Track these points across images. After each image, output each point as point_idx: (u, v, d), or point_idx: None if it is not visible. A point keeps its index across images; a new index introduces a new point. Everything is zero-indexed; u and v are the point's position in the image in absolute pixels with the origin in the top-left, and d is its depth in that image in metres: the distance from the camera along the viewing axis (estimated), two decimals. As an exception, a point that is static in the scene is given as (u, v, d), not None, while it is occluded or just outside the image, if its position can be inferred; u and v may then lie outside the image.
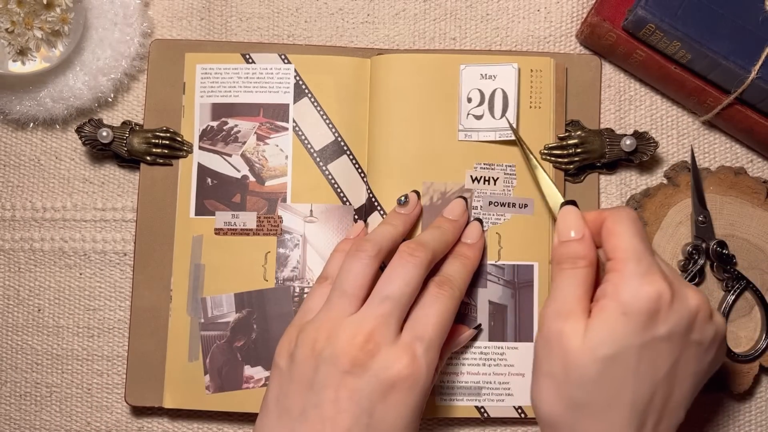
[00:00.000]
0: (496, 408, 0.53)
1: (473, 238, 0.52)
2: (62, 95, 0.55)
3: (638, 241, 0.43)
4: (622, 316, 0.41)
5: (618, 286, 0.41)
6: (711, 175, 0.55)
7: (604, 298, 0.42)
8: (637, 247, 0.42)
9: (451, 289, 0.47)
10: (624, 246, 0.42)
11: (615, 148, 0.54)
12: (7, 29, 0.52)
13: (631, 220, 0.43)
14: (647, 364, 0.41)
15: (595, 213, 0.45)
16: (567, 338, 0.41)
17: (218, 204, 0.54)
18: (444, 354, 0.50)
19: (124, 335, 0.56)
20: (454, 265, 0.50)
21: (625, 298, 0.41)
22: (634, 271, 0.41)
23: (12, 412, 0.55)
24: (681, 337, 0.42)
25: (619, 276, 0.42)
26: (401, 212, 0.52)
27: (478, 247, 0.52)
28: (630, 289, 0.41)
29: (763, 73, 0.50)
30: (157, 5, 0.58)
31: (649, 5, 0.51)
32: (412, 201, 0.52)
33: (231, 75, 0.55)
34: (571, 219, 0.45)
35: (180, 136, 0.55)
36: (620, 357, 0.41)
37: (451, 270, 0.49)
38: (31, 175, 0.57)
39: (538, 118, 0.54)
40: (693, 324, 0.42)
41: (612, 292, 0.41)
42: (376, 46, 0.57)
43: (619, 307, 0.41)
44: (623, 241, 0.43)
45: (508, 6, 0.58)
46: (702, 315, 0.42)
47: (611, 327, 0.41)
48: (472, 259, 0.51)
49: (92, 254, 0.56)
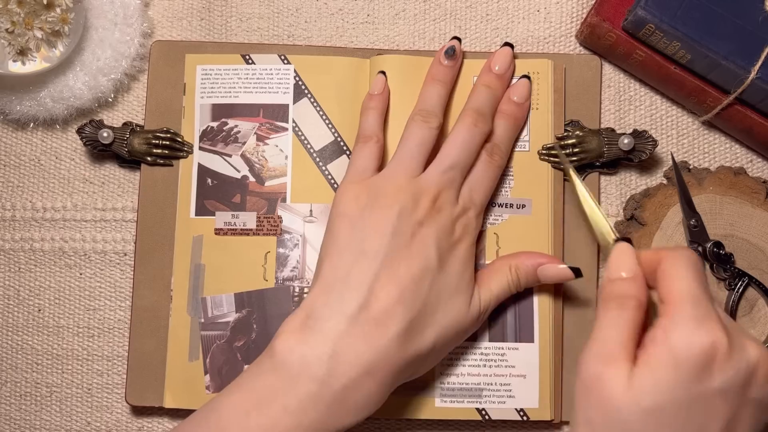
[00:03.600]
0: (497, 410, 0.52)
1: (521, 97, 0.53)
2: (62, 95, 0.55)
3: (696, 285, 0.40)
4: (671, 364, 0.38)
5: (669, 332, 0.38)
6: (711, 175, 0.55)
7: (653, 343, 0.39)
8: (694, 292, 0.39)
9: (500, 157, 0.52)
10: (679, 289, 0.39)
11: (613, 148, 0.54)
12: (7, 29, 0.52)
13: (691, 262, 0.41)
14: (697, 419, 0.38)
15: (652, 252, 0.43)
16: (609, 384, 0.38)
17: (218, 204, 0.54)
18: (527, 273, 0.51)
19: (124, 335, 0.56)
20: (501, 128, 0.52)
21: (676, 345, 0.38)
22: (689, 316, 0.38)
23: (12, 412, 0.56)
24: (737, 392, 0.38)
25: (672, 321, 0.39)
26: (447, 65, 0.53)
27: (526, 107, 0.54)
28: (683, 335, 0.38)
29: (762, 73, 0.50)
30: (157, 5, 0.58)
31: (649, 5, 0.51)
32: (458, 51, 0.54)
33: (231, 76, 0.55)
34: (624, 258, 0.43)
35: (180, 137, 0.55)
36: (667, 410, 0.37)
37: (499, 133, 0.52)
38: (31, 175, 0.57)
39: (537, 120, 0.54)
40: (752, 379, 0.38)
41: (662, 337, 0.38)
42: (376, 46, 0.57)
43: (670, 355, 0.38)
44: (680, 284, 0.40)
45: (508, 6, 0.58)
46: (764, 370, 0.39)
47: (659, 375, 0.38)
48: (519, 120, 0.53)
49: (92, 254, 0.56)
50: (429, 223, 0.47)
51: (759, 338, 0.53)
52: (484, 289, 0.49)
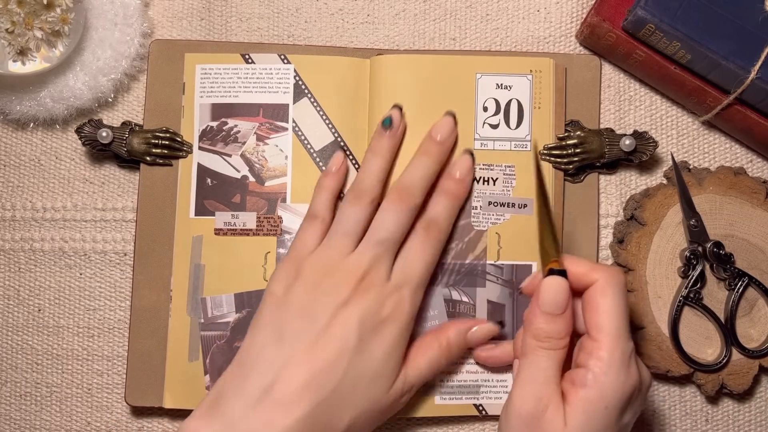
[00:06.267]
0: (495, 406, 0.53)
1: (462, 172, 0.52)
2: (62, 95, 0.55)
3: (621, 322, 0.43)
4: (602, 406, 0.41)
5: (601, 378, 0.42)
6: (711, 175, 0.55)
7: (584, 387, 0.42)
8: (620, 332, 0.42)
9: (438, 233, 0.50)
10: (607, 328, 0.42)
11: (614, 148, 0.54)
12: (7, 29, 0.52)
13: (616, 292, 0.43)
14: None
15: (583, 268, 0.44)
16: (548, 426, 0.42)
17: (218, 204, 0.54)
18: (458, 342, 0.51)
19: (124, 335, 0.56)
20: (440, 204, 0.51)
21: (607, 390, 0.41)
22: (618, 360, 0.42)
23: (12, 412, 0.56)
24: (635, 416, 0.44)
25: (601, 364, 0.42)
26: (385, 137, 0.52)
27: (467, 183, 0.52)
28: (613, 380, 0.42)
29: (762, 73, 0.50)
30: (157, 5, 0.58)
31: (649, 5, 0.51)
32: (395, 121, 0.52)
33: (231, 75, 0.55)
34: (558, 295, 0.44)
35: (180, 137, 0.55)
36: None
37: (438, 210, 0.51)
38: (31, 175, 0.57)
39: (538, 119, 0.54)
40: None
41: (593, 382, 0.42)
42: (376, 46, 0.57)
43: (602, 400, 0.41)
44: (607, 321, 0.43)
45: (508, 6, 0.58)
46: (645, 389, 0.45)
47: (592, 418, 0.41)
48: (459, 197, 0.52)
49: (92, 254, 0.56)
50: (353, 304, 0.47)
51: (759, 338, 0.53)
52: (412, 368, 0.49)
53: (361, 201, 0.50)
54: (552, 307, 0.44)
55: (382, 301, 0.47)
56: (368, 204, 0.50)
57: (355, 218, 0.49)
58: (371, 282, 0.47)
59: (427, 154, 0.51)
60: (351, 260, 0.48)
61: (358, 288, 0.47)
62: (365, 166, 0.51)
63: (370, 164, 0.51)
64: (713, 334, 0.53)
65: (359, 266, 0.48)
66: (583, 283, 0.44)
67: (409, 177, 0.50)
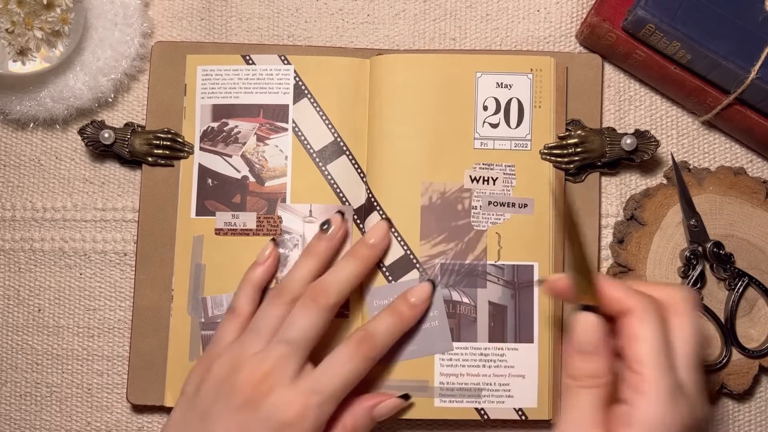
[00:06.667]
0: (496, 410, 0.53)
1: (419, 298, 0.51)
2: (62, 95, 0.55)
3: (664, 355, 0.39)
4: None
5: (646, 417, 0.38)
6: (711, 175, 0.55)
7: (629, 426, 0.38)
8: (663, 364, 0.39)
9: (371, 350, 0.48)
10: (648, 360, 0.39)
11: (615, 148, 0.54)
12: (7, 29, 0.52)
13: (656, 322, 0.40)
14: None
15: (619, 293, 0.41)
16: None
17: (218, 204, 0.54)
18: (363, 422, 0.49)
19: (124, 335, 0.56)
20: (385, 323, 0.49)
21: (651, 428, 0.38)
22: (664, 398, 0.38)
23: (12, 412, 0.56)
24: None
25: (647, 403, 0.38)
26: (323, 240, 0.51)
27: (420, 309, 0.51)
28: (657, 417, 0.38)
29: (762, 73, 0.50)
30: (157, 5, 0.58)
31: (649, 5, 0.51)
32: (334, 226, 0.52)
33: (231, 76, 0.55)
34: (592, 330, 0.41)
35: (181, 137, 0.55)
36: None
37: (381, 328, 0.49)
38: (31, 175, 0.57)
39: (539, 118, 0.54)
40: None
41: (639, 422, 0.38)
42: (376, 46, 0.57)
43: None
44: (647, 351, 0.39)
45: (508, 6, 0.58)
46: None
47: None
48: (408, 320, 0.50)
49: (92, 254, 0.56)
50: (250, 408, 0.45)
51: (759, 338, 0.53)
52: None
53: (280, 300, 0.48)
54: (586, 346, 0.41)
55: (281, 405, 0.45)
56: (287, 303, 0.48)
57: (270, 317, 0.48)
58: (273, 383, 0.45)
59: (355, 256, 0.51)
60: (255, 359, 0.46)
61: (257, 389, 0.45)
62: (296, 266, 0.50)
63: (301, 264, 0.50)
64: (713, 334, 0.53)
65: (261, 366, 0.46)
66: (619, 309, 0.41)
67: (330, 277, 0.49)
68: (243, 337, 0.48)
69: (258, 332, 0.48)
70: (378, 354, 0.48)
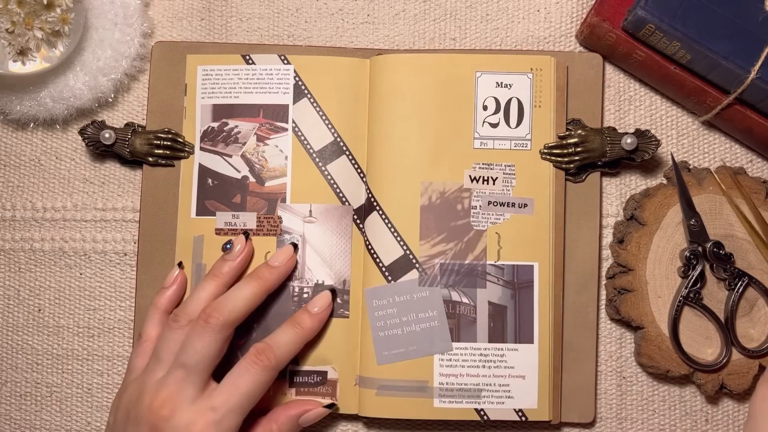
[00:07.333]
0: (496, 410, 0.52)
1: (320, 307, 0.52)
2: (62, 95, 0.55)
3: None
4: None
5: None
6: (711, 175, 0.55)
7: None
8: None
9: (270, 361, 0.48)
10: None
11: (616, 147, 0.54)
12: (7, 29, 0.52)
13: None
14: None
15: None
16: None
17: (219, 204, 0.54)
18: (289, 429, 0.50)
19: (125, 335, 0.56)
20: (286, 335, 0.50)
21: None
22: None
23: (12, 412, 0.56)
24: None
25: None
26: (225, 261, 0.52)
27: (320, 318, 0.52)
28: None
29: (762, 73, 0.50)
30: (157, 5, 0.58)
31: (649, 5, 0.51)
32: (237, 247, 0.52)
33: (231, 76, 0.55)
34: None
35: (181, 137, 0.55)
36: None
37: (281, 340, 0.49)
38: (31, 175, 0.57)
39: (539, 117, 0.54)
40: None
41: None
42: (376, 46, 0.57)
43: None
44: None
45: (508, 6, 0.58)
46: None
47: None
48: (309, 330, 0.51)
49: (92, 254, 0.56)
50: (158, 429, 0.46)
51: (759, 338, 0.53)
52: None
53: (177, 324, 0.49)
54: None
55: (183, 426, 0.46)
56: (184, 326, 0.49)
57: (169, 341, 0.48)
58: (173, 407, 0.46)
59: (254, 277, 0.51)
60: (156, 386, 0.47)
61: (159, 415, 0.46)
62: (198, 288, 0.51)
63: (201, 287, 0.51)
64: (713, 334, 0.53)
65: (161, 392, 0.47)
66: None
67: (227, 297, 0.49)
68: (147, 365, 0.49)
69: (159, 359, 0.48)
70: (278, 363, 0.49)
